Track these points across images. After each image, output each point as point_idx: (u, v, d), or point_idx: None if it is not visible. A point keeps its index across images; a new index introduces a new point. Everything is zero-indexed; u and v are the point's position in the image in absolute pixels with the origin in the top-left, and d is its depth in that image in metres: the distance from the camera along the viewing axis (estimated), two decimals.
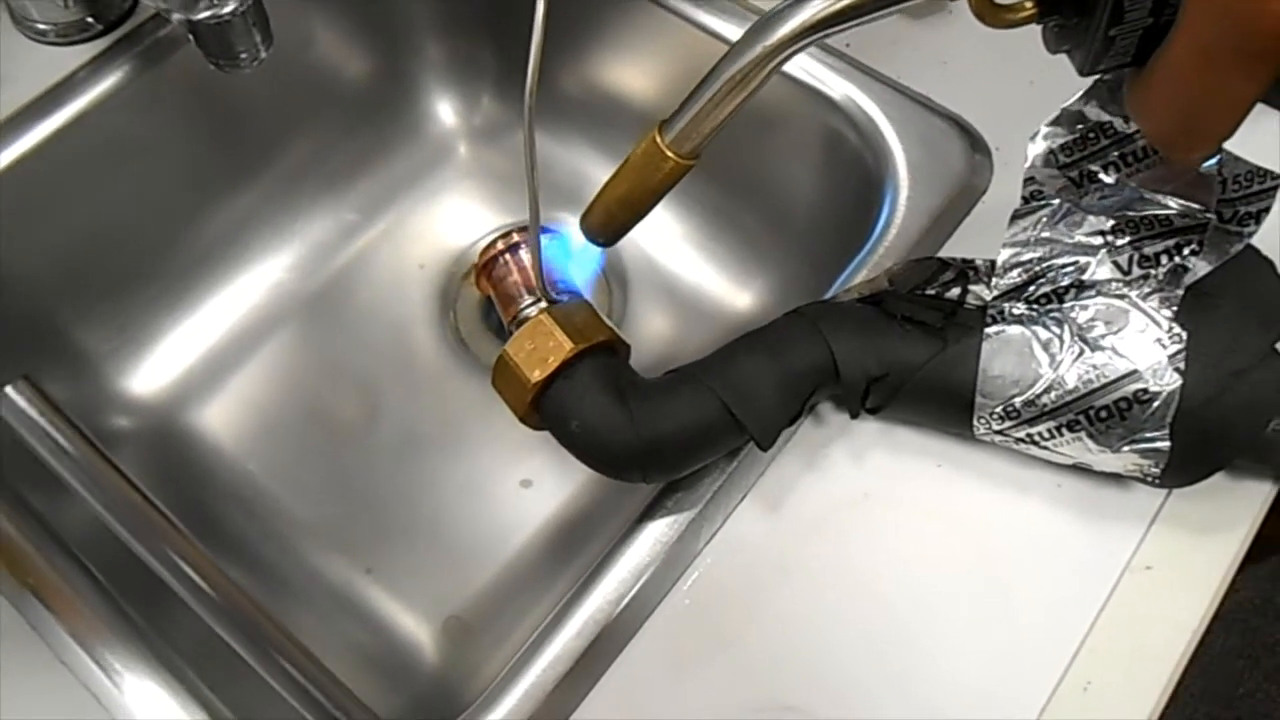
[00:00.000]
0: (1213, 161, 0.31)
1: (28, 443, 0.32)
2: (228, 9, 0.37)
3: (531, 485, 0.50)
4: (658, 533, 0.35)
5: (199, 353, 0.52)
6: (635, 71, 0.52)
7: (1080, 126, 0.32)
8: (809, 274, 0.49)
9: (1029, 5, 0.26)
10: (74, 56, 0.46)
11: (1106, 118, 0.31)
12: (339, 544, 0.48)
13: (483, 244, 0.55)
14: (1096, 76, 0.30)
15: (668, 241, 0.53)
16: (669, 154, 0.31)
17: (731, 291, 0.53)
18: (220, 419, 0.51)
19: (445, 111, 0.58)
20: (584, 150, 0.57)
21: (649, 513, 0.35)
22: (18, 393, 0.23)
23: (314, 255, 0.55)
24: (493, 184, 0.58)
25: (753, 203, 0.34)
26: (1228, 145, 0.31)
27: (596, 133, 0.56)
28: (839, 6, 0.28)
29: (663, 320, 0.54)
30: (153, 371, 0.51)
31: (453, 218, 0.57)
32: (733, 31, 0.46)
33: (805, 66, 0.45)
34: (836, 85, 0.44)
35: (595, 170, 0.56)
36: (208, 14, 0.37)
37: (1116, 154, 0.32)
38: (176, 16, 0.37)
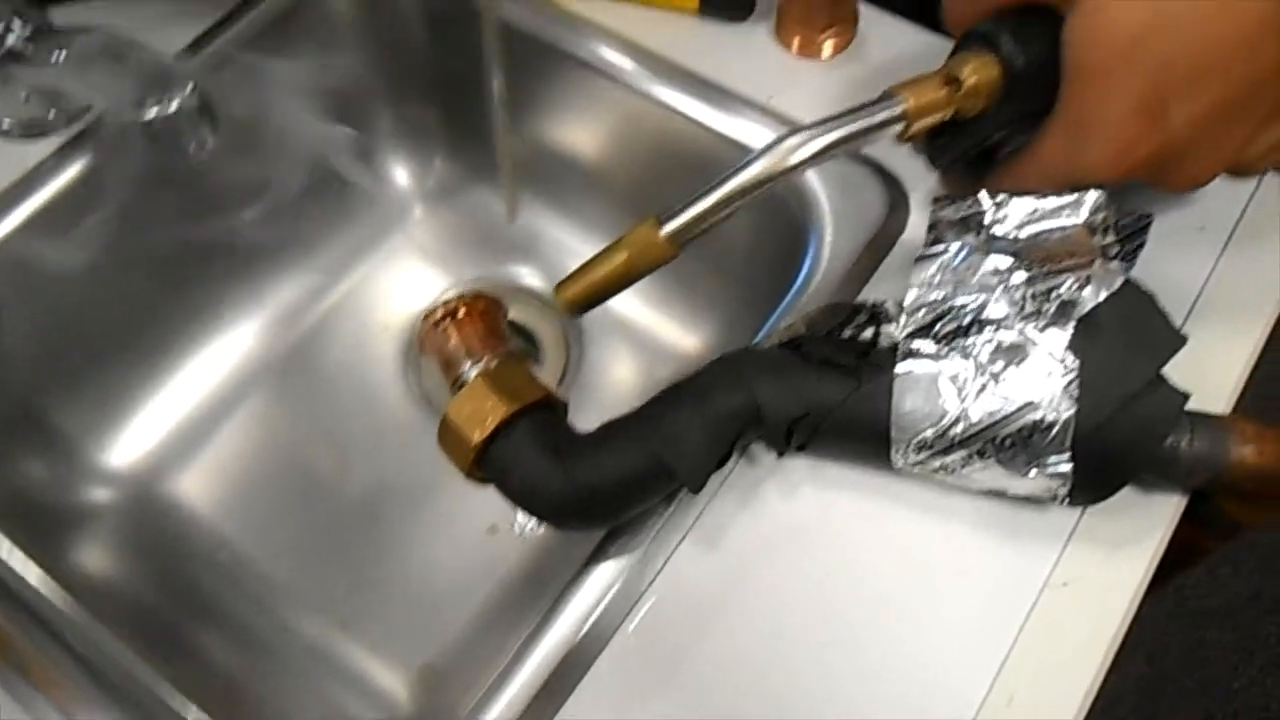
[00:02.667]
0: (1096, 198, 0.34)
1: None
2: (173, 107, 0.39)
3: (498, 531, 0.52)
4: (603, 577, 0.37)
5: (174, 422, 0.54)
6: (581, 133, 0.55)
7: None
8: (748, 314, 0.51)
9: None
10: (37, 151, 0.49)
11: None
12: (314, 601, 0.50)
13: (447, 297, 0.58)
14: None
15: None
16: (668, 245, 0.34)
17: (680, 334, 0.55)
18: (196, 486, 0.53)
19: (400, 175, 0.61)
20: (532, 205, 0.59)
21: (594, 558, 0.37)
22: None
23: (281, 321, 0.57)
24: (448, 242, 0.60)
25: (694, 250, 0.37)
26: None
27: (547, 191, 0.59)
28: (839, 135, 0.35)
29: (620, 365, 0.56)
30: (129, 444, 0.53)
31: (412, 276, 0.59)
32: (670, 96, 0.48)
33: (732, 120, 0.47)
34: (762, 136, 0.47)
35: (547, 226, 0.59)
36: (155, 113, 0.39)
37: (1010, 204, 0.35)
38: (126, 115, 0.39)
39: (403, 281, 0.59)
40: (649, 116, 0.49)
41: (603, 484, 0.35)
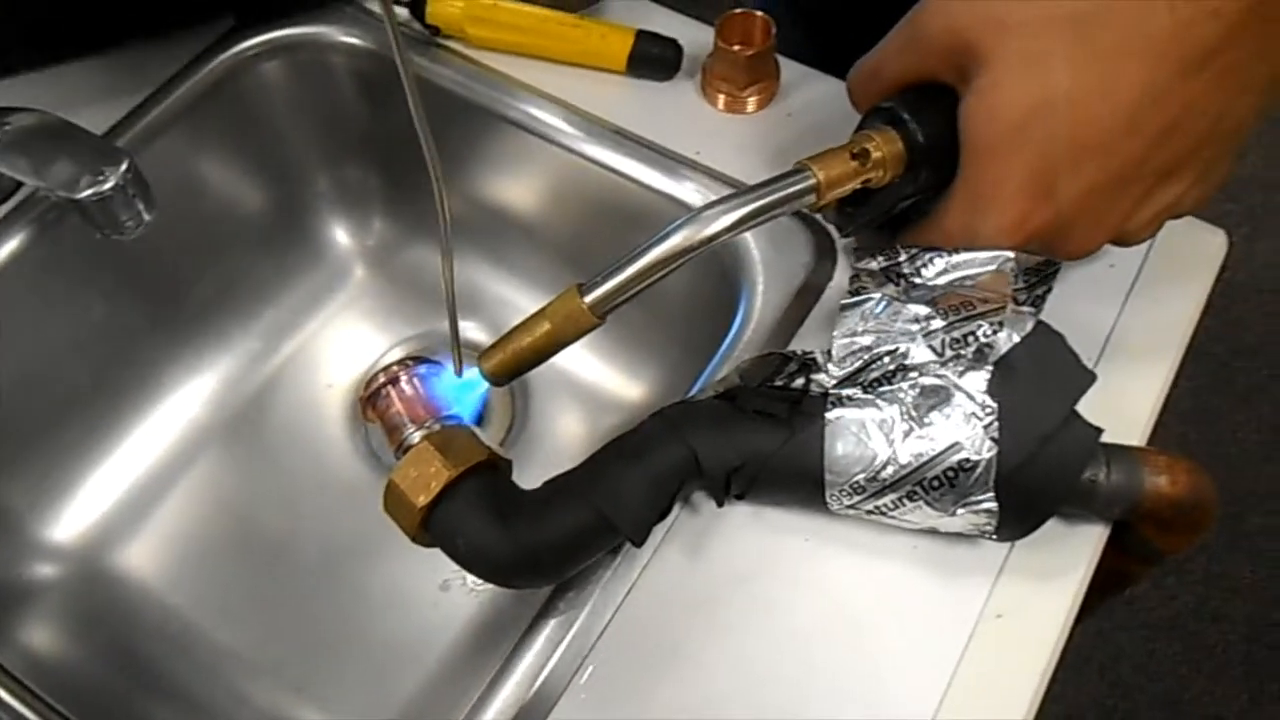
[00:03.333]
0: (1008, 258, 0.36)
1: None
2: (108, 185, 0.39)
3: (449, 587, 0.52)
4: (552, 634, 0.37)
5: (119, 494, 0.54)
6: (517, 189, 0.56)
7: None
8: (689, 361, 0.52)
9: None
10: None
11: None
12: (267, 666, 0.50)
13: (392, 355, 0.58)
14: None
15: None
16: (590, 315, 0.35)
17: (625, 384, 0.56)
18: (144, 556, 0.53)
19: (340, 235, 0.61)
20: (473, 263, 0.60)
21: (543, 613, 0.38)
22: None
23: (225, 387, 0.58)
24: (391, 300, 0.61)
25: (632, 303, 0.38)
26: None
27: (482, 244, 0.60)
28: (753, 208, 0.37)
29: (567, 417, 0.57)
30: (74, 517, 0.53)
31: (356, 335, 0.60)
32: (602, 153, 0.50)
33: (663, 175, 0.49)
34: (691, 193, 0.48)
35: (483, 279, 0.59)
36: (89, 192, 0.39)
37: (926, 256, 0.37)
38: (60, 194, 0.40)
39: (347, 341, 0.59)
40: (582, 173, 0.51)
41: (547, 542, 0.35)
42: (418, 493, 0.36)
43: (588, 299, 0.36)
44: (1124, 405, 0.39)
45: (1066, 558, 0.38)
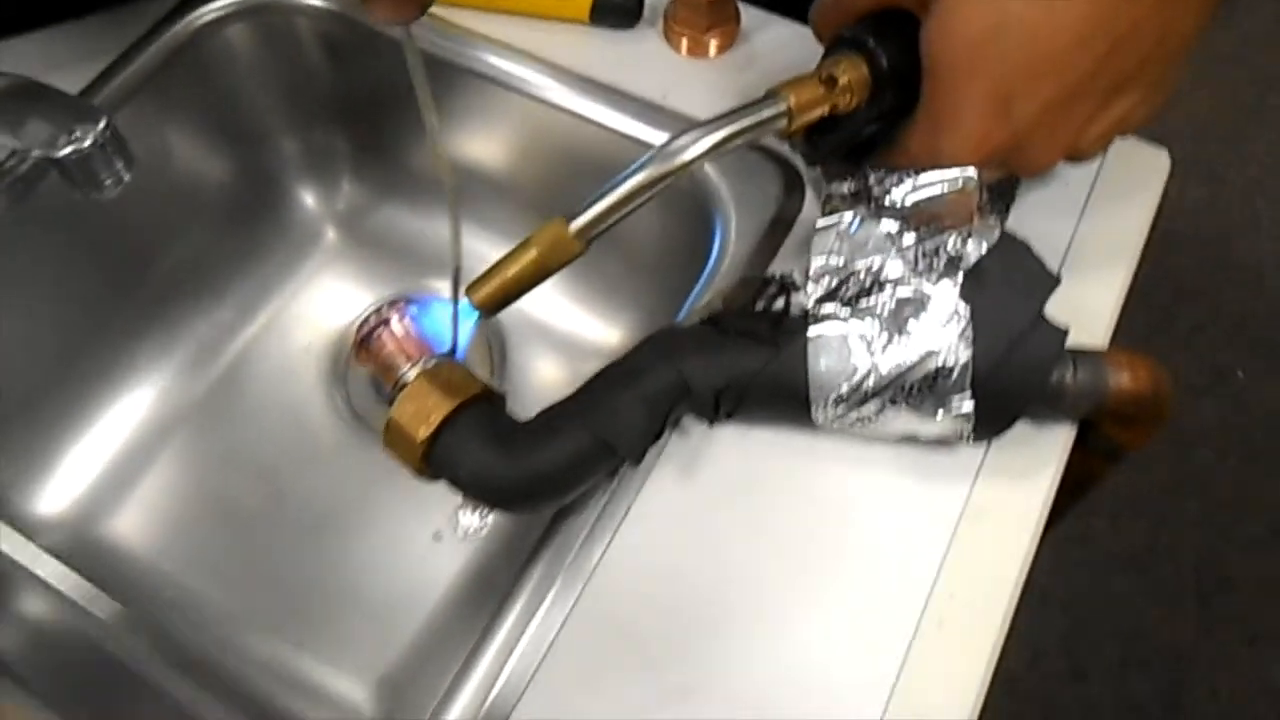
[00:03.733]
0: (970, 175, 0.38)
1: None
2: (87, 143, 0.39)
3: (442, 538, 0.53)
4: (554, 558, 0.38)
5: (100, 467, 0.54)
6: (486, 143, 0.56)
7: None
8: (666, 303, 0.53)
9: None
10: None
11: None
12: (265, 624, 0.50)
13: (350, 329, 0.59)
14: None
15: (539, 294, 0.57)
16: (576, 242, 0.36)
17: (602, 330, 0.57)
18: (130, 527, 0.53)
19: (308, 200, 0.61)
20: (442, 219, 0.60)
21: (544, 540, 0.39)
22: None
23: (201, 356, 0.58)
24: (363, 261, 0.61)
25: (607, 248, 0.39)
26: None
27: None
28: (729, 132, 0.38)
29: (544, 365, 0.58)
30: (57, 492, 0.53)
31: (330, 298, 0.60)
32: (570, 101, 0.51)
33: (632, 119, 0.50)
34: (660, 134, 0.50)
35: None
36: (69, 150, 0.39)
37: (892, 178, 0.39)
38: (37, 153, 0.40)
39: (321, 304, 0.60)
40: (551, 123, 0.52)
41: (549, 467, 0.37)
42: (418, 426, 0.37)
43: (573, 226, 0.37)
44: (1085, 311, 0.42)
45: (1038, 457, 0.40)
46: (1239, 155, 1.54)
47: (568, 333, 0.58)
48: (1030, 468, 0.40)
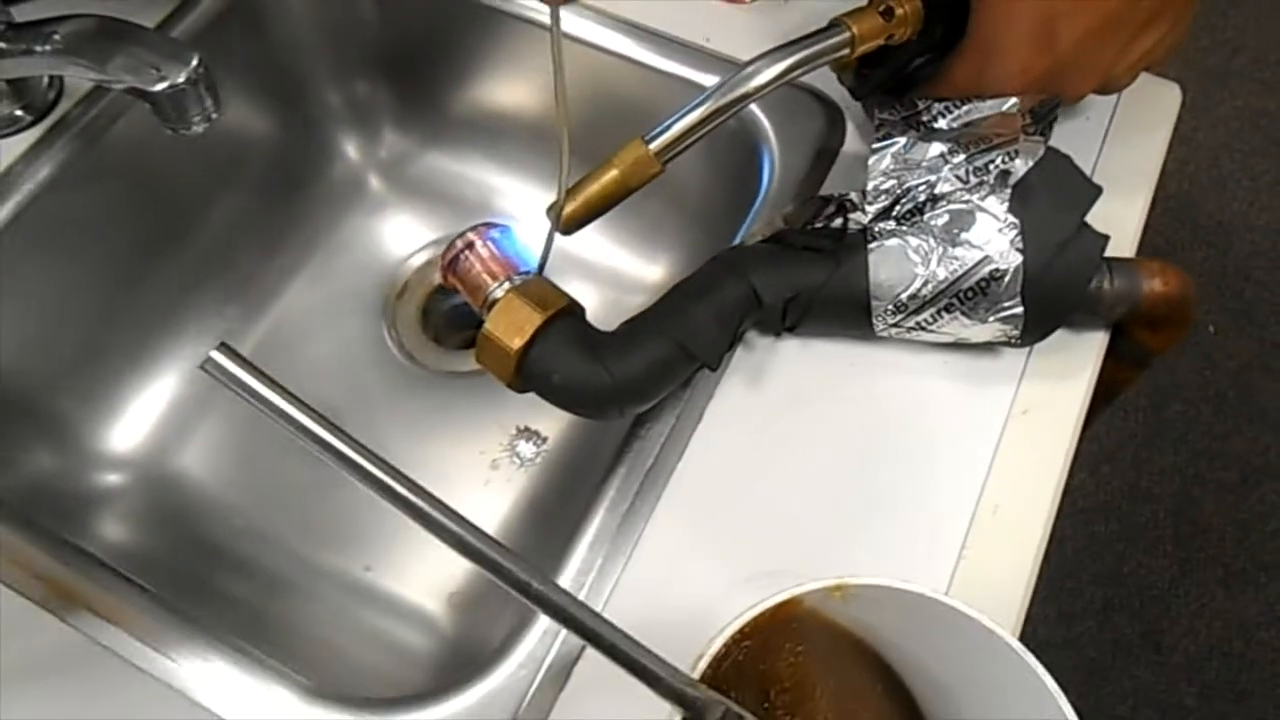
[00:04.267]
0: (1012, 103, 0.41)
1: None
2: (181, 78, 0.41)
3: (499, 466, 0.55)
4: (635, 462, 0.41)
5: (166, 405, 0.56)
6: (525, 87, 0.59)
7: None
8: (706, 241, 0.56)
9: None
10: (7, 149, 0.50)
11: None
12: (335, 550, 0.53)
13: (416, 261, 0.61)
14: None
15: (581, 233, 0.60)
16: (655, 161, 0.38)
17: (642, 267, 0.60)
18: (199, 461, 0.55)
19: (351, 150, 0.63)
20: (483, 165, 0.63)
21: (625, 447, 0.42)
22: (224, 356, 0.28)
23: (257, 300, 0.60)
24: (405, 207, 0.63)
25: (651, 191, 0.41)
26: None
27: (491, 148, 0.63)
28: (798, 58, 0.41)
29: (589, 301, 0.60)
30: (128, 429, 0.55)
31: (375, 244, 0.62)
32: (615, 42, 0.53)
33: (678, 62, 0.52)
34: (701, 75, 0.52)
35: (497, 181, 0.62)
36: (163, 85, 0.41)
37: (940, 106, 0.42)
38: (129, 85, 0.42)
39: (367, 250, 0.62)
40: (592, 65, 0.54)
41: (637, 373, 0.39)
42: (512, 336, 0.39)
43: (652, 145, 0.40)
44: (1113, 228, 0.45)
45: (1076, 360, 0.44)
46: (1207, 119, 1.59)
47: (610, 268, 0.60)
48: (1069, 370, 0.43)
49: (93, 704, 0.37)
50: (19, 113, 0.50)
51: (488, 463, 0.55)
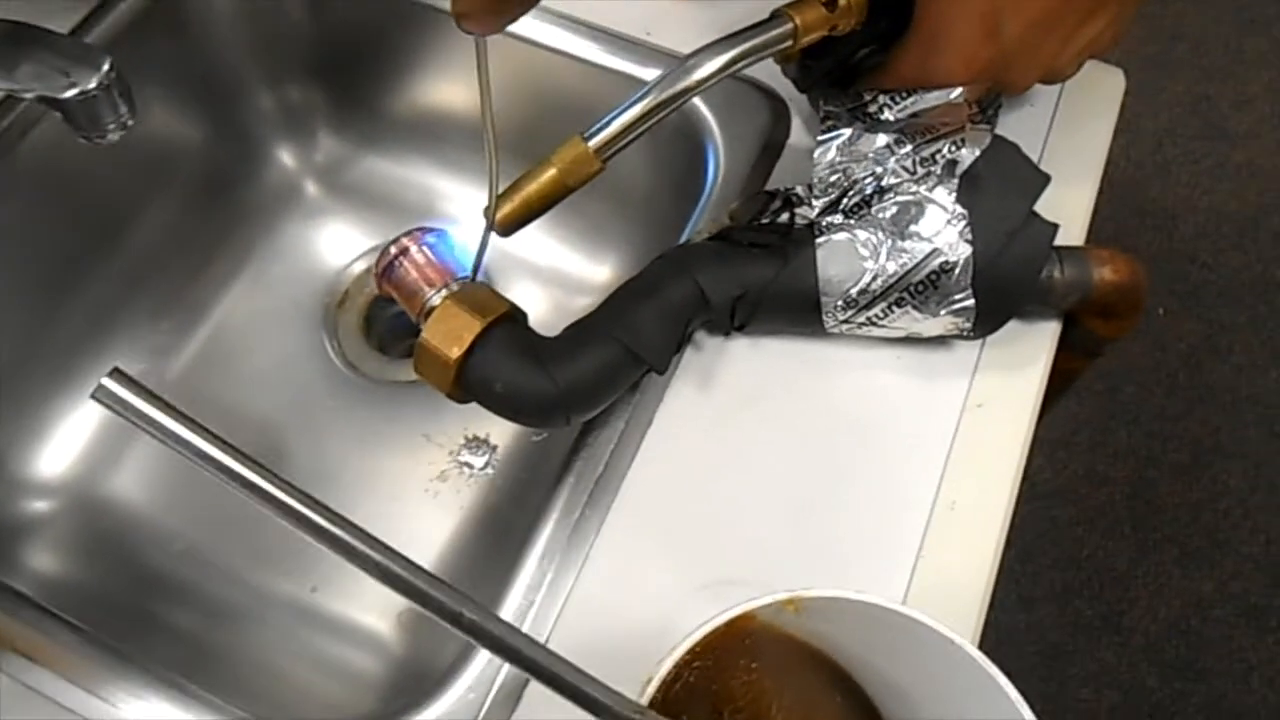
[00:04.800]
0: (958, 93, 0.40)
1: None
2: (92, 84, 0.39)
3: (447, 478, 0.54)
4: (585, 470, 0.40)
5: (96, 426, 0.54)
6: (459, 84, 0.57)
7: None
8: (653, 239, 0.55)
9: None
10: None
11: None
12: (279, 572, 0.51)
13: (357, 269, 0.59)
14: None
15: (524, 233, 0.59)
16: (594, 159, 0.37)
17: (588, 268, 0.59)
18: (131, 484, 0.53)
19: (286, 156, 0.61)
20: (422, 168, 0.61)
21: (574, 454, 0.40)
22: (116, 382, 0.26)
23: (189, 315, 0.57)
24: (343, 213, 0.61)
25: (594, 189, 0.40)
26: None
27: (430, 150, 0.61)
28: (739, 51, 0.39)
29: (533, 302, 0.59)
30: (56, 452, 0.52)
31: (314, 251, 0.60)
32: (555, 38, 0.52)
33: (619, 56, 0.51)
34: (643, 70, 0.51)
35: (437, 183, 0.61)
36: (73, 92, 0.39)
37: (885, 97, 0.41)
38: (38, 94, 0.39)
39: (305, 257, 0.60)
40: (532, 61, 0.52)
41: (582, 379, 0.38)
42: (450, 345, 0.38)
43: (591, 143, 0.38)
44: (1061, 216, 0.44)
45: (1029, 351, 0.43)
46: (1150, 104, 1.61)
47: (555, 270, 0.59)
48: (1023, 361, 0.43)
49: None
50: None
51: (435, 474, 0.54)
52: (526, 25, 0.52)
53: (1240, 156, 1.57)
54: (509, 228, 0.39)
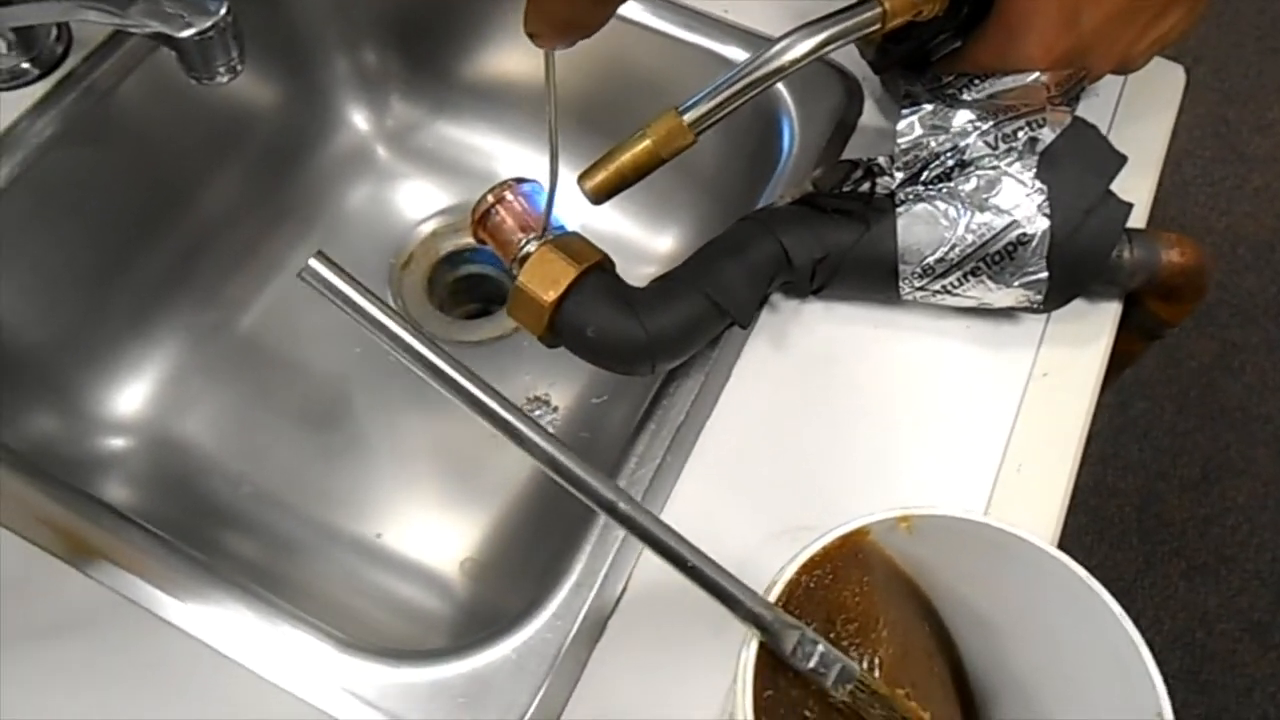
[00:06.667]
0: (1035, 76, 0.42)
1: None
2: (209, 25, 0.41)
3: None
4: (664, 419, 0.41)
5: (170, 369, 0.55)
6: (523, 56, 0.58)
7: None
8: (720, 213, 0.56)
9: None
10: (13, 102, 0.48)
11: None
12: (346, 517, 0.52)
13: (423, 231, 0.61)
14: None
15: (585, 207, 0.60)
16: (688, 132, 0.38)
17: (650, 239, 0.60)
18: (203, 428, 0.54)
19: (359, 119, 0.63)
20: (490, 135, 0.63)
21: (654, 404, 0.42)
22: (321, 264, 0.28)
23: (260, 269, 0.59)
24: (411, 177, 0.63)
25: (668, 169, 0.41)
26: None
27: (499, 118, 0.62)
28: (831, 33, 0.40)
29: None
30: (131, 393, 0.54)
31: (382, 213, 0.62)
32: (633, 11, 0.53)
33: (689, 31, 0.53)
34: (721, 47, 0.53)
35: (505, 150, 0.62)
36: (190, 31, 0.41)
37: (964, 80, 0.43)
38: (160, 30, 0.41)
39: (373, 219, 0.61)
40: (611, 35, 0.53)
41: (670, 328, 0.39)
42: (546, 289, 0.39)
43: (686, 116, 0.40)
44: (1127, 197, 0.46)
45: (1092, 329, 0.45)
46: None
47: (617, 237, 0.60)
48: (1087, 335, 0.44)
49: (120, 657, 0.36)
50: (26, 65, 0.49)
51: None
52: None
53: (1258, 180, 1.59)
54: (601, 196, 0.40)
